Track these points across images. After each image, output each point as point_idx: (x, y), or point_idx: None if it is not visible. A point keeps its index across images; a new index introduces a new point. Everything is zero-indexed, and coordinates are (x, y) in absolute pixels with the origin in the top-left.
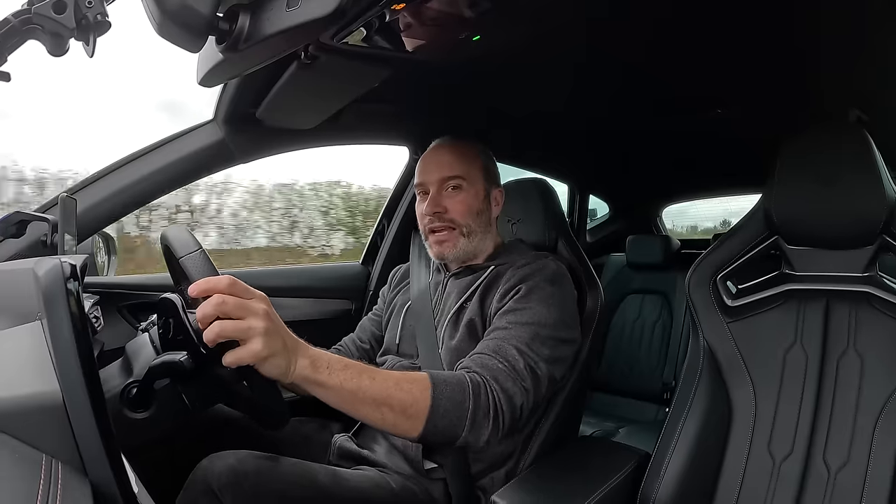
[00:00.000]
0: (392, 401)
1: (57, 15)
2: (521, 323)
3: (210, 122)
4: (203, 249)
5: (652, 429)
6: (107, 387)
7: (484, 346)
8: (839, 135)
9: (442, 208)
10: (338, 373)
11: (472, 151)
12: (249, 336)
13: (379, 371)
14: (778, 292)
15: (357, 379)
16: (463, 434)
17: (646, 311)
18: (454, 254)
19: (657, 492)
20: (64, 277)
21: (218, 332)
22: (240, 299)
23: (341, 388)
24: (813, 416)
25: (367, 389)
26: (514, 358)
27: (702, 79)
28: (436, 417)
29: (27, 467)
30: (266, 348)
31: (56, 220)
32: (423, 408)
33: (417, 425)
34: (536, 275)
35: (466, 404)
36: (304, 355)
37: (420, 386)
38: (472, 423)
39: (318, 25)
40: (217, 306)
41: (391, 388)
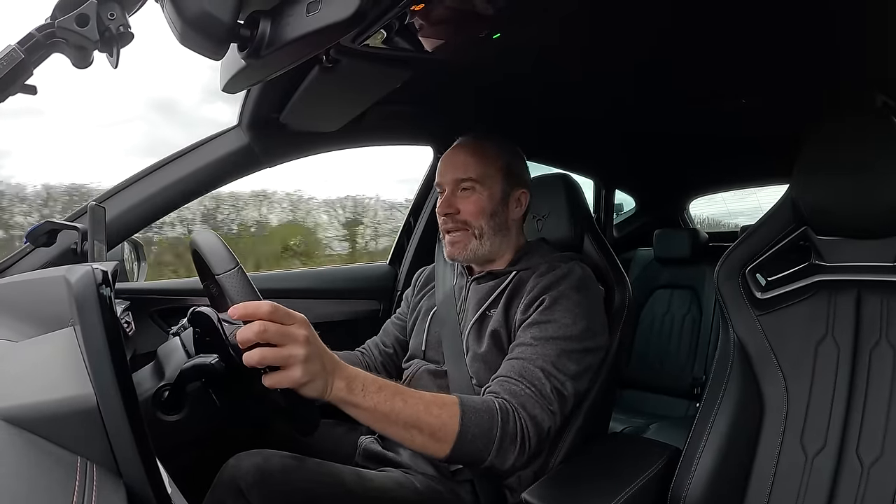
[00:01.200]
0: (422, 424)
1: (80, 28)
2: (547, 338)
3: (235, 127)
4: (240, 267)
5: (682, 424)
6: (140, 390)
7: (509, 368)
8: (865, 121)
9: (454, 209)
10: (372, 395)
11: (492, 152)
12: (290, 364)
13: (412, 394)
14: (808, 284)
15: (390, 402)
16: (489, 459)
17: (675, 305)
18: (465, 255)
19: (688, 488)
20: (96, 283)
21: (258, 359)
22: (281, 326)
23: (374, 410)
24: (845, 409)
25: (399, 412)
26: (541, 381)
27: (724, 68)
28: (463, 442)
29: (63, 470)
30: (305, 375)
31: (86, 229)
32: (451, 432)
33: (445, 448)
34: (561, 282)
35: (494, 431)
36: (340, 377)
37: (449, 412)
38: (499, 449)
39: (339, 29)
40: (258, 333)
41: (421, 413)
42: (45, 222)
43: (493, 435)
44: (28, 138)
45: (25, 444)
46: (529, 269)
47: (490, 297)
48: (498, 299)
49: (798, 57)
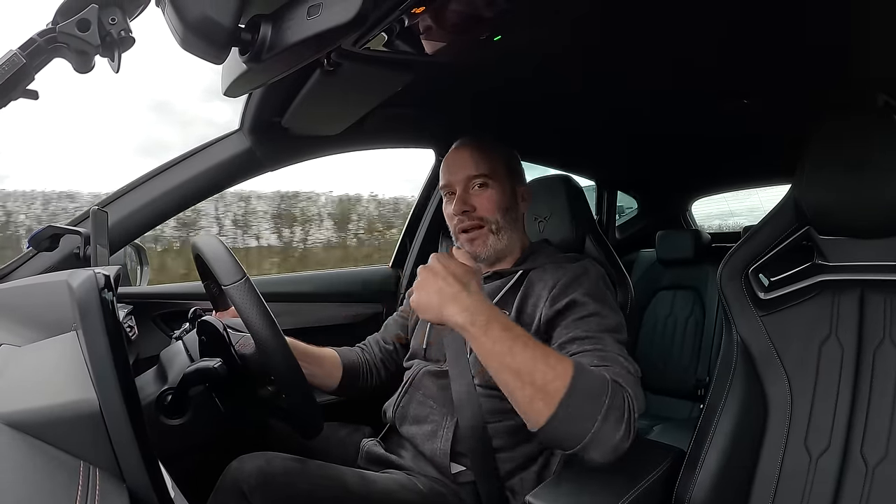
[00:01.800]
0: (535, 372)
1: (81, 33)
2: (602, 330)
3: (237, 131)
4: (248, 277)
5: (686, 426)
6: (143, 394)
7: (590, 358)
8: (867, 120)
9: (470, 207)
10: (494, 332)
11: (494, 149)
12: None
13: (533, 341)
14: (811, 284)
15: (510, 342)
16: (593, 429)
17: (677, 306)
18: (487, 252)
19: (692, 490)
20: (98, 288)
21: None
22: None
23: (491, 343)
24: (850, 409)
25: (516, 355)
26: (623, 365)
27: (726, 70)
28: (569, 404)
29: (66, 474)
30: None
31: (88, 233)
32: (560, 388)
33: (550, 407)
34: (583, 279)
35: (603, 398)
36: (462, 307)
37: (564, 366)
38: (605, 420)
39: (340, 32)
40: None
41: (539, 359)
42: (48, 227)
43: (601, 403)
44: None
45: (29, 448)
46: (537, 269)
47: (497, 297)
48: (508, 299)
49: (800, 57)
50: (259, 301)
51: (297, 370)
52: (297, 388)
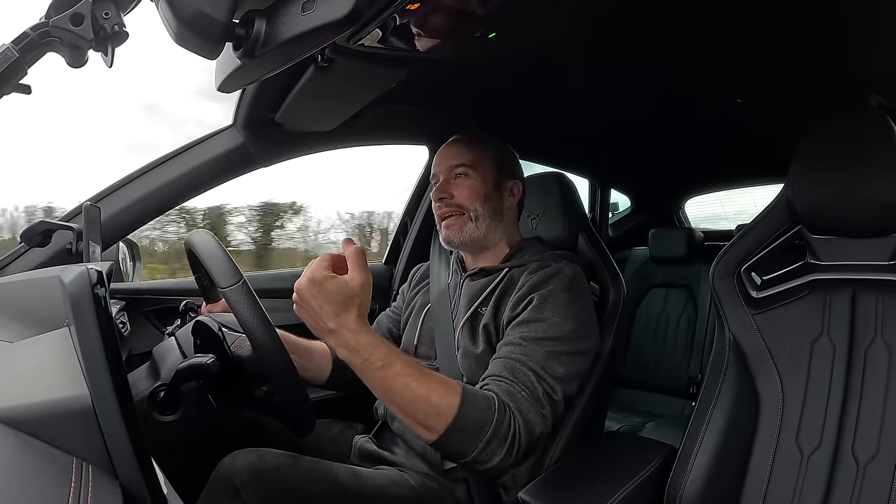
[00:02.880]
0: (417, 408)
1: (74, 27)
2: (536, 339)
3: (230, 127)
4: (245, 280)
5: (678, 423)
6: (135, 390)
7: (501, 368)
8: (861, 121)
9: (448, 194)
10: (375, 370)
11: (483, 142)
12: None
13: (417, 375)
14: (803, 283)
15: (391, 381)
16: (473, 454)
17: (670, 304)
18: (461, 238)
19: (685, 486)
20: (91, 284)
21: None
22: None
23: (372, 384)
24: (841, 408)
25: (396, 394)
26: (533, 384)
27: (720, 69)
28: (451, 433)
29: (58, 470)
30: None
31: (80, 229)
32: (444, 421)
33: (433, 435)
34: (550, 282)
35: (486, 429)
36: (342, 342)
37: (450, 401)
38: (484, 448)
39: (334, 28)
40: None
41: (418, 402)
42: (40, 222)
43: (483, 433)
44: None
45: (21, 444)
46: (521, 267)
47: (482, 295)
48: (489, 297)
49: (794, 57)
50: (256, 304)
51: (294, 373)
52: (292, 389)
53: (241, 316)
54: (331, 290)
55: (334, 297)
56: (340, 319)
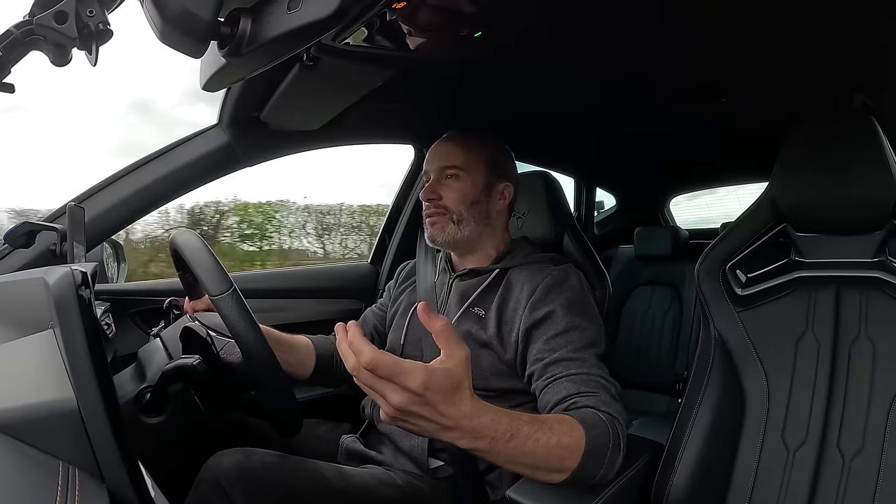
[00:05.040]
0: (551, 462)
1: (59, 25)
2: (582, 347)
3: (215, 126)
4: (235, 288)
5: (665, 420)
6: (121, 393)
7: (573, 385)
8: (845, 120)
9: (436, 195)
10: (502, 445)
11: (477, 143)
12: (384, 405)
13: (543, 429)
14: (788, 280)
15: (521, 447)
16: (602, 471)
17: (656, 302)
18: (444, 238)
19: (671, 482)
20: (75, 285)
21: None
22: (378, 380)
23: (502, 457)
24: (826, 403)
25: (530, 454)
26: (606, 387)
27: (705, 68)
28: (583, 468)
29: (44, 475)
30: (402, 424)
31: (65, 229)
32: (576, 460)
33: (564, 476)
34: (564, 287)
35: (608, 445)
36: (463, 432)
37: (577, 437)
38: (610, 462)
39: (320, 27)
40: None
41: (553, 450)
42: (24, 223)
43: (607, 450)
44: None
45: (5, 448)
46: (515, 269)
47: (473, 294)
48: (485, 298)
49: (779, 56)
50: (247, 313)
51: (284, 380)
52: (282, 396)
53: (232, 325)
54: (441, 387)
55: (445, 392)
56: (457, 411)
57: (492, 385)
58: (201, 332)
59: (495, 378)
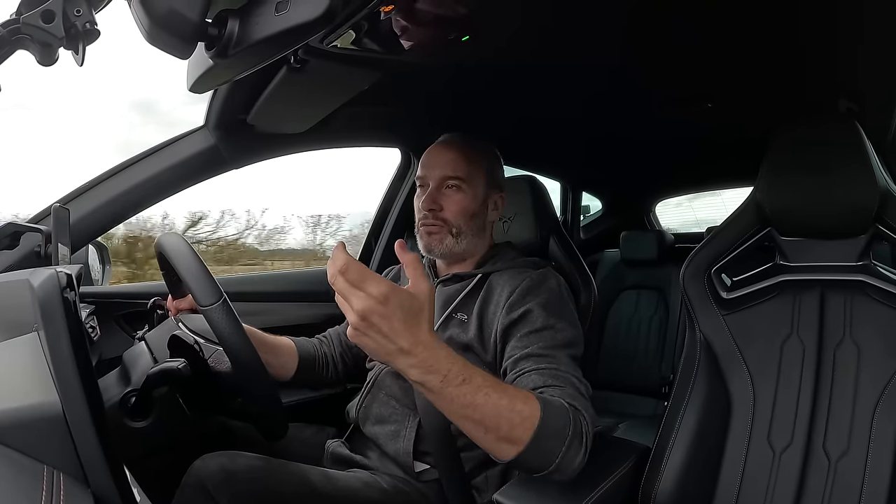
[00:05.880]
0: (501, 423)
1: (45, 24)
2: (556, 346)
3: (201, 128)
4: (226, 298)
5: (651, 423)
6: (106, 396)
7: (541, 378)
8: (829, 125)
9: (438, 206)
10: (453, 387)
11: (478, 153)
12: (348, 315)
13: (496, 388)
14: (773, 283)
15: (471, 396)
16: (557, 460)
17: (642, 306)
18: (441, 250)
19: (658, 485)
20: (60, 288)
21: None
22: (347, 285)
23: (452, 402)
24: (811, 405)
25: (479, 408)
26: (576, 385)
27: (691, 74)
28: (536, 444)
29: (28, 479)
30: (358, 335)
31: (49, 231)
32: (527, 431)
33: (515, 450)
34: (542, 289)
35: (567, 431)
36: (416, 358)
37: (531, 408)
38: (567, 451)
39: (308, 29)
40: (333, 284)
41: (503, 411)
42: (7, 224)
43: (565, 435)
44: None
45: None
46: (497, 273)
47: (456, 300)
48: (467, 302)
49: (764, 62)
50: (237, 323)
51: (271, 386)
52: (268, 402)
53: (222, 336)
54: (402, 305)
55: (405, 312)
56: (414, 336)
57: None
58: (189, 340)
59: None
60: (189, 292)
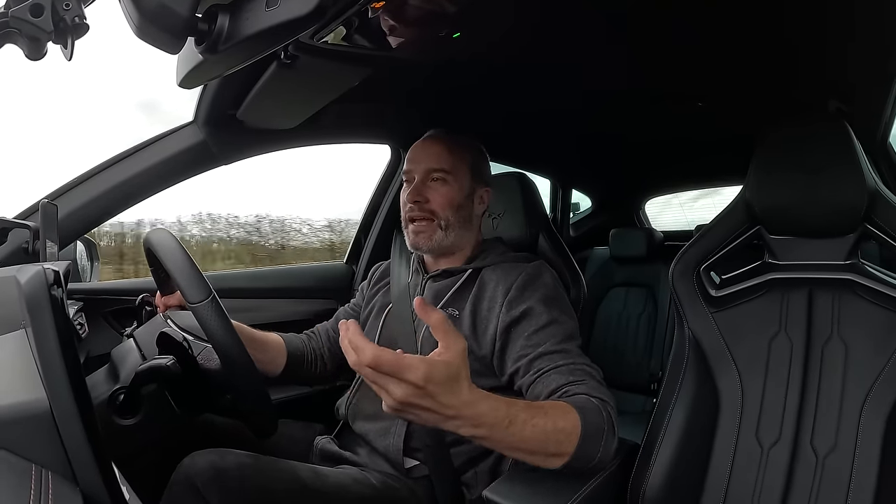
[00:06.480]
0: (549, 446)
1: (34, 18)
2: (563, 339)
3: (190, 123)
4: (215, 295)
5: (640, 420)
6: (94, 394)
7: (560, 376)
8: (818, 125)
9: (423, 198)
10: (501, 431)
11: (462, 147)
12: (386, 400)
13: (540, 414)
14: (761, 281)
15: (520, 433)
16: (599, 454)
17: (631, 303)
18: (430, 245)
19: (647, 481)
20: (47, 284)
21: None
22: (380, 375)
23: (502, 443)
24: (799, 402)
25: (528, 441)
26: (592, 375)
27: (682, 73)
28: (581, 451)
29: (16, 478)
30: (404, 415)
31: (37, 227)
32: (573, 443)
33: (563, 460)
34: (538, 284)
35: (603, 428)
36: (464, 421)
37: (572, 421)
38: (605, 444)
39: (298, 25)
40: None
41: (550, 434)
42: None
43: (602, 433)
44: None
45: None
46: (488, 268)
47: (447, 295)
48: (459, 298)
49: (754, 62)
50: (226, 320)
51: (261, 383)
52: (259, 401)
53: (211, 333)
54: (442, 380)
55: (445, 384)
56: (458, 401)
57: None
58: (177, 337)
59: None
60: (178, 289)
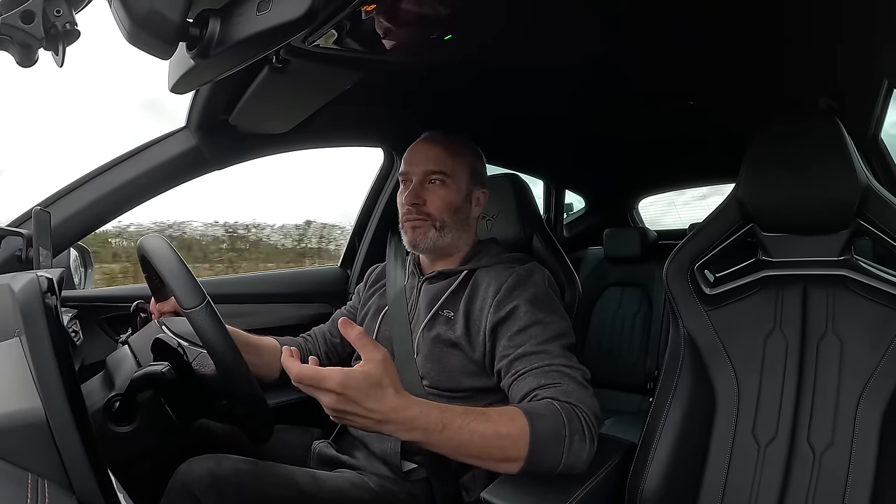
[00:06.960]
0: (493, 450)
1: (25, 25)
2: (548, 340)
3: (183, 129)
4: (209, 301)
5: (636, 419)
6: (89, 401)
7: (535, 379)
8: (810, 122)
9: (421, 200)
10: (437, 435)
11: (461, 149)
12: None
13: (479, 420)
14: (755, 279)
15: (457, 437)
16: (563, 459)
17: (625, 303)
18: (426, 244)
19: (645, 481)
20: (41, 292)
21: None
22: (310, 388)
23: (442, 447)
24: (795, 399)
25: (468, 445)
26: (570, 376)
27: (673, 71)
28: (536, 453)
29: (12, 486)
30: (344, 421)
31: (30, 235)
32: (522, 448)
33: (517, 465)
34: (529, 284)
35: (563, 432)
36: (399, 424)
37: (518, 426)
38: (570, 448)
39: (290, 29)
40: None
41: (491, 439)
42: None
43: (562, 435)
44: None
45: None
46: (482, 269)
47: (442, 297)
48: (454, 299)
49: (746, 60)
50: (220, 325)
51: (257, 388)
52: (254, 404)
53: (206, 338)
54: (360, 386)
55: (366, 390)
56: (383, 406)
57: (462, 385)
58: (172, 344)
59: (465, 378)
60: (172, 295)
